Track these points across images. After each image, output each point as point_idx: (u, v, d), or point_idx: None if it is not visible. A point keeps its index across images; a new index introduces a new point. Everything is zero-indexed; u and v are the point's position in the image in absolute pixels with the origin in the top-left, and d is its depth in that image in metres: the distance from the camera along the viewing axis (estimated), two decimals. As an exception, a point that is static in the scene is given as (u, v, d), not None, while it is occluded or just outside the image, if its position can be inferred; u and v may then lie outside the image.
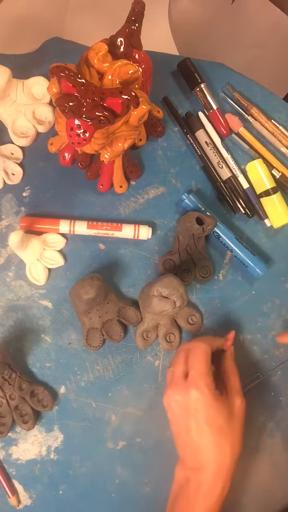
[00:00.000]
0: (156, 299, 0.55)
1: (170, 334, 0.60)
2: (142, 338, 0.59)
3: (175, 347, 0.60)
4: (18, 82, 0.63)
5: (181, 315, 0.61)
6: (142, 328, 0.59)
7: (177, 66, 0.68)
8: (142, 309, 0.60)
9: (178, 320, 0.61)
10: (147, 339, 0.60)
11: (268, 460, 0.60)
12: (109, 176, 0.61)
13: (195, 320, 0.61)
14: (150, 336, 0.60)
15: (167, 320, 0.59)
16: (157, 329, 0.60)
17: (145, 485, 0.59)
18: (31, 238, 0.60)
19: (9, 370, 0.56)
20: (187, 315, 0.61)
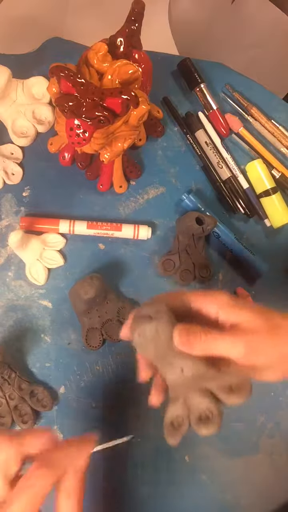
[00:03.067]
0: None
1: (206, 411, 0.39)
2: (171, 429, 0.40)
3: (217, 424, 0.39)
4: (18, 82, 0.63)
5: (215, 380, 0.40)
6: (172, 412, 0.40)
7: (177, 66, 0.68)
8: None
9: (212, 387, 0.40)
10: (178, 428, 0.40)
11: (268, 460, 0.60)
12: (109, 176, 0.61)
13: (238, 387, 0.39)
14: (181, 422, 0.40)
15: (194, 391, 0.40)
16: (187, 409, 0.40)
17: (145, 485, 0.59)
18: (31, 238, 0.60)
19: (8, 370, 0.56)
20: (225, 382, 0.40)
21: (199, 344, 0.39)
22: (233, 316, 0.41)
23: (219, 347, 0.39)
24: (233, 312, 0.41)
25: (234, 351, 0.39)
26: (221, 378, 0.39)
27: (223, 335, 0.39)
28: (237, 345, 0.39)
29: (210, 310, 0.42)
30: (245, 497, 0.59)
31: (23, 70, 0.65)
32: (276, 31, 1.16)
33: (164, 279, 0.63)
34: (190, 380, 0.39)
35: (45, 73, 0.64)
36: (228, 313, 0.41)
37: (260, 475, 0.60)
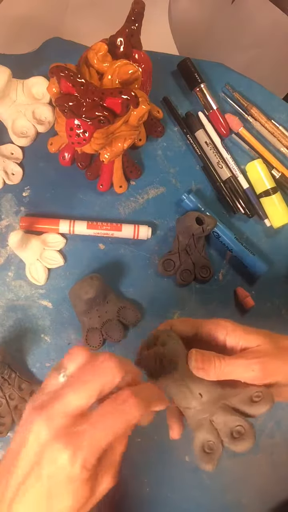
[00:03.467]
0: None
1: (237, 427, 0.37)
2: (204, 455, 0.38)
3: (252, 436, 0.37)
4: (18, 82, 0.63)
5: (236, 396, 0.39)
6: (200, 438, 0.39)
7: (177, 66, 0.68)
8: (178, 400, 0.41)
9: (236, 403, 0.39)
10: (210, 452, 0.38)
11: (268, 460, 0.60)
12: (109, 176, 0.61)
13: (259, 396, 0.38)
14: (213, 447, 0.38)
15: (217, 411, 0.38)
16: (215, 431, 0.38)
17: (145, 485, 0.59)
18: (31, 238, 0.60)
19: (8, 370, 0.56)
20: (246, 396, 0.39)
21: (213, 370, 0.40)
22: (242, 341, 0.42)
23: (234, 372, 0.40)
24: (241, 337, 0.42)
25: (249, 375, 0.40)
26: (240, 393, 0.39)
27: (237, 359, 0.40)
28: (252, 368, 0.39)
29: (219, 336, 0.43)
30: (245, 497, 0.59)
31: (23, 70, 0.65)
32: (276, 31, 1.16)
33: (164, 279, 0.63)
34: (210, 403, 0.39)
35: (45, 73, 0.64)
36: (237, 338, 0.42)
37: (260, 474, 0.60)
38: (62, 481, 0.31)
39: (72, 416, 0.32)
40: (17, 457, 0.32)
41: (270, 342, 0.42)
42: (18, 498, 0.31)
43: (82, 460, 0.31)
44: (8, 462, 0.33)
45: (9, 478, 0.32)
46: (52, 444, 0.31)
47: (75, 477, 0.31)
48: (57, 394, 0.33)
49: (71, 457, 0.30)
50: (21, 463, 0.32)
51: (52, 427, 0.31)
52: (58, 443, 0.31)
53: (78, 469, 0.30)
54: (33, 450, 0.31)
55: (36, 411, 0.32)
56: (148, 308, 0.62)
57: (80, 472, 0.31)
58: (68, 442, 0.31)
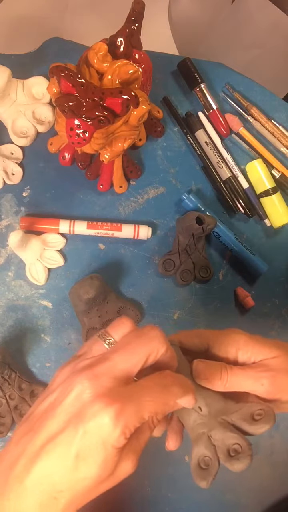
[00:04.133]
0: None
1: (234, 445, 0.36)
2: (200, 471, 0.37)
3: (249, 456, 0.36)
4: (18, 82, 0.63)
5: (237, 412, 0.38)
6: (197, 453, 0.37)
7: (177, 66, 0.68)
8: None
9: (236, 420, 0.37)
10: (206, 468, 0.37)
11: (268, 460, 0.60)
12: (109, 176, 0.61)
13: (260, 415, 0.37)
14: (209, 463, 0.37)
15: (216, 427, 0.37)
16: (213, 447, 0.37)
17: (145, 485, 0.59)
18: (31, 238, 0.60)
19: (8, 370, 0.56)
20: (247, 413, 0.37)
21: (219, 381, 0.38)
22: (254, 356, 0.40)
23: (242, 384, 0.38)
24: (253, 351, 0.40)
25: (258, 388, 0.38)
26: (241, 409, 0.37)
27: (246, 371, 0.39)
28: (262, 381, 0.38)
29: (229, 352, 0.41)
30: (245, 497, 0.59)
31: (23, 70, 0.65)
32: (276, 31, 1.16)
33: (164, 279, 0.63)
34: (210, 417, 0.38)
35: (45, 73, 0.64)
36: (249, 353, 0.40)
37: (259, 474, 0.60)
38: (96, 444, 0.29)
39: (118, 379, 0.31)
40: (52, 412, 0.31)
41: (285, 355, 0.40)
42: (44, 454, 0.30)
43: (123, 425, 0.29)
44: (36, 418, 0.32)
45: (38, 432, 0.31)
46: (95, 403, 0.30)
47: (110, 442, 0.30)
48: (103, 357, 0.32)
49: (114, 419, 0.29)
50: (57, 418, 0.30)
51: (97, 386, 0.30)
52: (102, 403, 0.29)
53: (117, 434, 0.29)
54: (73, 406, 0.30)
55: (78, 372, 0.31)
56: (148, 308, 0.62)
57: (117, 438, 0.29)
58: (113, 403, 0.29)
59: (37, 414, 0.32)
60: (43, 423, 0.31)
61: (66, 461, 0.29)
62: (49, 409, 0.31)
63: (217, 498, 0.58)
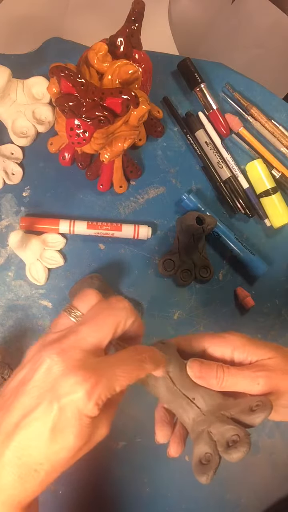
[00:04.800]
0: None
1: (233, 437, 0.36)
2: (201, 466, 0.37)
3: (247, 444, 0.36)
4: (18, 82, 0.63)
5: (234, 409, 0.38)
6: (198, 451, 0.37)
7: (177, 66, 0.68)
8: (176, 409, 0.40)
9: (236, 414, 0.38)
10: (206, 464, 0.37)
11: (268, 460, 0.60)
12: (109, 176, 0.61)
13: (258, 405, 0.37)
14: (210, 457, 0.37)
15: (215, 423, 0.37)
16: (213, 442, 0.37)
17: (145, 485, 0.59)
18: (31, 238, 0.60)
19: (9, 370, 0.56)
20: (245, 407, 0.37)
21: (215, 380, 0.38)
22: (250, 357, 0.40)
23: (238, 384, 0.38)
24: (249, 352, 0.40)
25: (254, 388, 0.38)
26: (240, 403, 0.38)
27: (242, 370, 0.39)
28: (258, 381, 0.38)
29: (225, 352, 0.41)
30: (245, 497, 0.59)
31: (23, 70, 0.65)
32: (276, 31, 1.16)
33: (164, 279, 0.63)
34: (209, 414, 0.38)
35: (45, 73, 0.64)
36: (245, 353, 0.40)
37: (260, 474, 0.60)
38: (72, 417, 0.30)
39: (88, 351, 0.31)
40: (22, 388, 0.31)
41: (281, 356, 0.40)
42: (20, 430, 0.30)
43: (97, 397, 0.30)
44: (7, 395, 0.32)
45: (11, 409, 0.31)
46: (68, 376, 0.30)
47: (85, 413, 0.30)
48: (70, 330, 0.32)
49: (88, 392, 0.30)
50: (29, 394, 0.31)
51: (66, 359, 0.30)
52: (75, 377, 0.30)
53: (91, 406, 0.30)
54: (44, 381, 0.30)
55: (46, 347, 0.31)
56: (148, 308, 0.62)
57: (91, 409, 0.30)
58: (88, 378, 0.30)
59: (8, 392, 0.32)
60: (16, 400, 0.31)
61: (43, 435, 0.30)
62: (20, 386, 0.32)
63: (217, 497, 0.58)
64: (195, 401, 0.39)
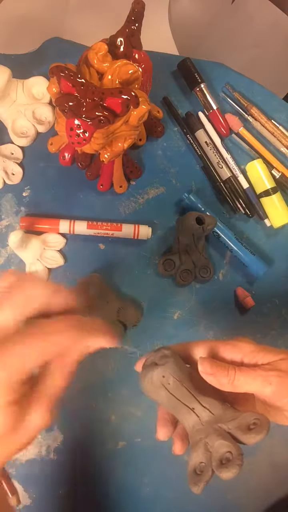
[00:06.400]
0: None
1: (226, 454, 0.37)
2: (194, 476, 0.38)
3: (238, 465, 0.36)
4: (18, 82, 0.63)
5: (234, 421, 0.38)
6: (195, 460, 0.38)
7: (177, 66, 0.68)
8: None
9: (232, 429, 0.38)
10: (200, 474, 0.37)
11: (268, 460, 0.60)
12: (109, 176, 0.61)
13: (255, 424, 0.37)
14: (204, 469, 0.37)
15: (212, 434, 0.38)
16: (209, 453, 0.38)
17: (145, 485, 0.59)
18: (31, 238, 0.60)
19: (9, 370, 0.56)
20: (245, 423, 0.38)
21: (226, 378, 0.38)
22: (260, 360, 0.40)
23: (250, 383, 0.38)
24: (259, 356, 0.40)
25: (266, 389, 0.37)
26: (238, 418, 0.38)
27: (254, 370, 0.38)
28: (270, 380, 0.37)
29: (234, 357, 0.40)
30: (245, 497, 0.59)
31: (23, 70, 0.65)
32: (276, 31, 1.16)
33: (164, 279, 0.63)
34: (208, 424, 0.38)
35: (45, 73, 0.64)
36: (255, 359, 0.40)
37: (260, 474, 0.60)
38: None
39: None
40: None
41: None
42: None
43: (5, 379, 0.28)
44: None
45: None
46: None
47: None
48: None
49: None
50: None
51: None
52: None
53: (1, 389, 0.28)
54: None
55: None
56: (148, 308, 0.62)
57: (4, 394, 0.28)
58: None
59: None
60: None
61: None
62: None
63: (218, 498, 0.58)
64: (195, 410, 0.39)
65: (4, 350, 0.29)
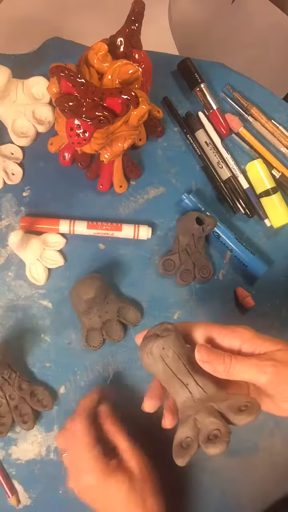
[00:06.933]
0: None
1: (214, 431, 0.37)
2: (180, 449, 0.39)
3: (225, 442, 0.37)
4: (18, 82, 0.63)
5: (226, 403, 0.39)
6: (181, 434, 0.39)
7: (177, 66, 0.68)
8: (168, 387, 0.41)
9: (224, 410, 0.38)
10: (186, 448, 0.38)
11: (268, 460, 0.60)
12: (109, 176, 0.61)
13: (246, 406, 0.38)
14: (190, 442, 0.38)
15: (203, 412, 0.38)
16: (197, 429, 0.38)
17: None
18: (31, 238, 0.60)
19: (9, 370, 0.56)
20: (235, 404, 0.38)
21: (222, 366, 0.38)
22: (258, 348, 0.40)
23: (245, 372, 0.38)
24: (257, 344, 0.40)
25: (261, 378, 0.38)
26: (230, 399, 0.38)
27: (250, 359, 0.38)
28: (265, 369, 0.38)
29: (233, 344, 0.41)
30: (245, 496, 0.59)
31: (23, 70, 0.65)
32: (276, 31, 1.16)
33: (164, 279, 0.63)
34: (199, 401, 0.39)
35: (45, 73, 0.64)
36: (253, 346, 0.40)
37: (260, 474, 0.60)
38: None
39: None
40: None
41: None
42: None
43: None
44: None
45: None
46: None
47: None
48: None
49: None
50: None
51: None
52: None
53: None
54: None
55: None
56: (148, 308, 0.62)
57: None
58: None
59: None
60: None
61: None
62: None
63: (217, 498, 0.58)
64: (188, 386, 0.39)
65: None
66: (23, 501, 0.57)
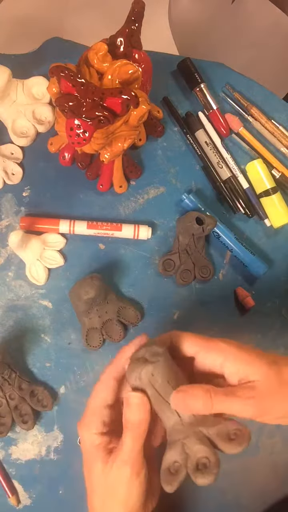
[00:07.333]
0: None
1: (203, 459, 0.37)
2: (168, 475, 0.38)
3: (214, 474, 0.36)
4: (18, 82, 0.63)
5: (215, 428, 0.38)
6: (169, 458, 0.38)
7: (177, 66, 0.68)
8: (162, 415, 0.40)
9: (213, 436, 0.38)
10: (174, 474, 0.37)
11: (268, 460, 0.60)
12: (109, 176, 0.61)
13: (236, 435, 0.37)
14: (178, 469, 0.37)
15: (192, 437, 0.38)
16: (185, 454, 0.38)
17: (145, 485, 0.59)
18: (31, 238, 0.60)
19: (9, 370, 0.56)
20: (225, 431, 0.38)
21: (202, 407, 0.38)
22: (241, 371, 0.40)
23: (228, 409, 0.38)
24: (240, 367, 0.40)
25: (245, 413, 0.38)
26: (220, 424, 0.38)
27: (231, 398, 0.38)
28: (248, 408, 0.38)
29: (215, 361, 0.41)
30: (245, 497, 0.59)
31: (23, 70, 0.65)
32: (276, 31, 1.16)
33: (164, 279, 0.63)
34: (189, 426, 0.38)
35: (45, 73, 0.64)
36: (236, 367, 0.40)
37: (260, 475, 0.60)
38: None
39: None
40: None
41: (273, 374, 0.39)
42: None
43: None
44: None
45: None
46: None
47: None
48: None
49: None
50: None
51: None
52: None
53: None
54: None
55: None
56: (148, 308, 0.62)
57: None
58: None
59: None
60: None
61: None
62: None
63: (217, 498, 0.58)
64: (178, 410, 0.39)
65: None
66: (23, 501, 0.57)
